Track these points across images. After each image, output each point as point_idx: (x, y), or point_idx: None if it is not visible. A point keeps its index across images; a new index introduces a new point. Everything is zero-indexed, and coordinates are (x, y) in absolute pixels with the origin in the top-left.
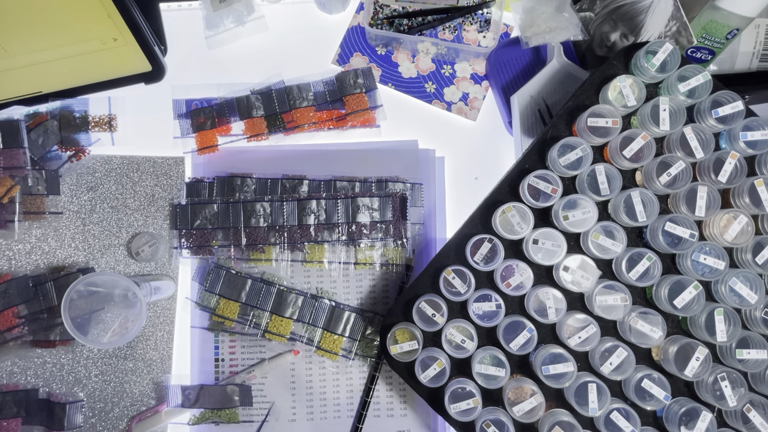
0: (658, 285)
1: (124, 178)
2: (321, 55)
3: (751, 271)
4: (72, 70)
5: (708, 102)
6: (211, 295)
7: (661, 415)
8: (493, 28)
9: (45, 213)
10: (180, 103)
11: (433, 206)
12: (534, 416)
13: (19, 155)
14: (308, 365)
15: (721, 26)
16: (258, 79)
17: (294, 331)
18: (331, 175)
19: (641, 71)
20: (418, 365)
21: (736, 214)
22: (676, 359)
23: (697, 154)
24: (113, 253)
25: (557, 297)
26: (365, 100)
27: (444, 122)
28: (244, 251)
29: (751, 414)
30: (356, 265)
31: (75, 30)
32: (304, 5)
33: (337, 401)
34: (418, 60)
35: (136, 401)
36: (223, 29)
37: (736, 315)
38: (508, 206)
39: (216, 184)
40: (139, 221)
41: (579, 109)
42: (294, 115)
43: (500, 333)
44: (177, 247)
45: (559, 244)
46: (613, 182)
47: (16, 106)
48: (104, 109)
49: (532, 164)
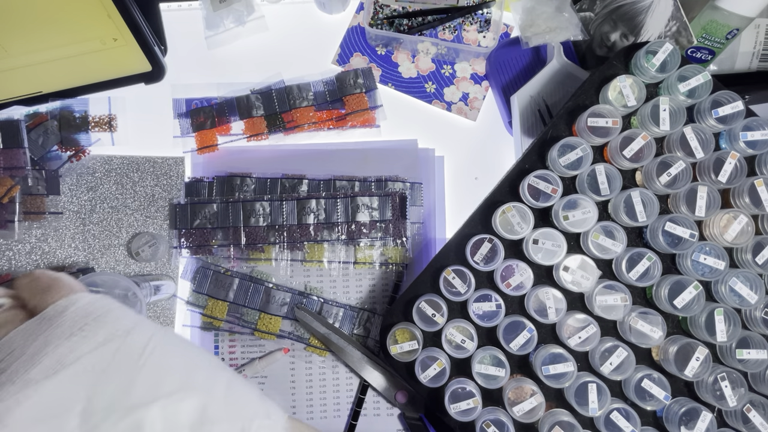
0: (658, 285)
1: (124, 178)
2: (321, 55)
3: (751, 271)
4: (72, 70)
5: (708, 102)
6: (200, 295)
7: (661, 415)
8: (493, 28)
9: (45, 213)
10: (180, 103)
11: (432, 206)
12: (534, 416)
13: (19, 155)
14: (308, 364)
15: (721, 26)
16: (258, 78)
17: (283, 329)
18: (330, 174)
19: (641, 71)
20: (418, 365)
21: (736, 214)
22: (676, 359)
23: (697, 154)
24: (113, 253)
25: (557, 297)
26: (365, 100)
27: (444, 122)
28: (244, 251)
29: (751, 414)
30: (356, 264)
31: (75, 30)
32: (304, 5)
33: (337, 399)
34: (418, 60)
35: None
36: (223, 29)
37: (736, 315)
38: (508, 206)
39: (215, 184)
40: (139, 221)
41: (579, 109)
42: (294, 114)
43: (500, 333)
44: (177, 247)
45: (559, 244)
46: (613, 182)
47: (16, 106)
48: (104, 109)
49: (532, 164)
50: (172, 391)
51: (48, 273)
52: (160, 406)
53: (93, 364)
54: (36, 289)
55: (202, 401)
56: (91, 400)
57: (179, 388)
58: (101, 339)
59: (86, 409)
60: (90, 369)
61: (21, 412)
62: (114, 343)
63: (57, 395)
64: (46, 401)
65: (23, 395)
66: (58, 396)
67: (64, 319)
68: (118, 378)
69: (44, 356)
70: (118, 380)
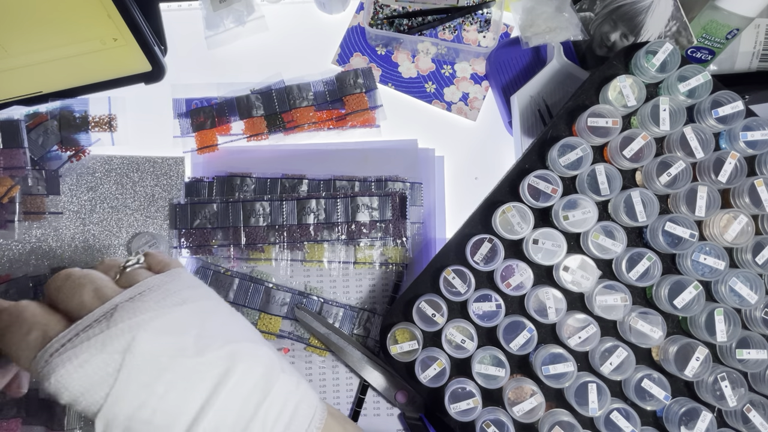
0: (658, 285)
1: (124, 178)
2: (321, 55)
3: (751, 271)
4: (72, 70)
5: (708, 102)
6: None
7: (661, 415)
8: (493, 28)
9: (45, 213)
10: (180, 103)
11: (432, 206)
12: (534, 416)
13: (19, 155)
14: (308, 364)
15: (721, 26)
16: (258, 78)
17: (283, 329)
18: (330, 174)
19: (641, 71)
20: (418, 365)
21: (736, 214)
22: (676, 359)
23: (697, 154)
24: (113, 253)
25: (557, 297)
26: (365, 100)
27: (444, 122)
28: (244, 251)
29: (751, 414)
30: (356, 264)
31: (75, 30)
32: (304, 5)
33: (337, 399)
34: (418, 60)
35: None
36: (223, 29)
37: (736, 315)
38: (508, 206)
39: (215, 184)
40: (139, 221)
41: (579, 109)
42: (294, 114)
43: (500, 333)
44: (177, 247)
45: (559, 244)
46: (613, 182)
47: (16, 106)
48: (104, 109)
49: (532, 164)
50: (255, 340)
51: (164, 254)
52: (248, 345)
53: (204, 306)
54: (157, 259)
55: (272, 353)
56: (203, 329)
57: (259, 339)
58: (207, 293)
59: (199, 333)
60: (202, 309)
61: (157, 324)
62: (216, 299)
63: (181, 320)
64: (173, 321)
65: (160, 313)
66: (181, 321)
67: (183, 276)
68: (220, 320)
69: (173, 294)
70: (220, 321)
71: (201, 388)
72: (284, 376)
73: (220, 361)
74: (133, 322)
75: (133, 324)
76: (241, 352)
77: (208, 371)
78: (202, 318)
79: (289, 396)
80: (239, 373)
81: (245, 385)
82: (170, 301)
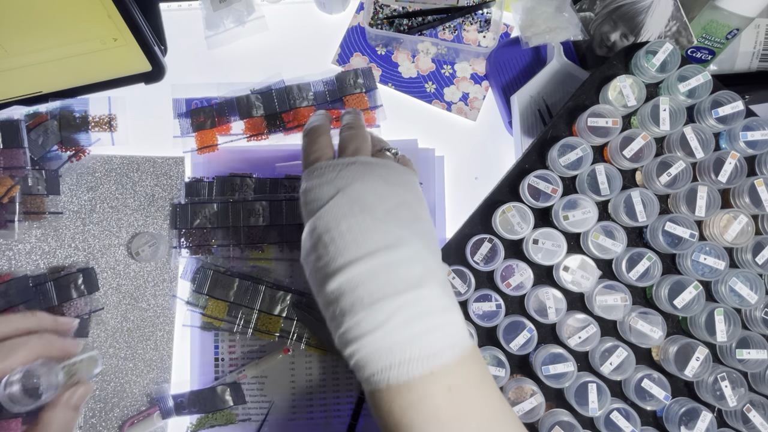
0: (658, 285)
1: (124, 178)
2: (321, 55)
3: (751, 271)
4: (72, 70)
5: (708, 102)
6: (200, 295)
7: (661, 415)
8: (493, 28)
9: (45, 213)
10: (180, 103)
11: (432, 206)
12: (534, 416)
13: (19, 155)
14: (308, 364)
15: (721, 26)
16: (258, 78)
17: (283, 329)
18: None
19: (641, 71)
20: None
21: (736, 214)
22: (676, 359)
23: (697, 154)
24: (113, 253)
25: (557, 297)
26: (365, 100)
27: (444, 122)
28: (244, 250)
29: (751, 414)
30: None
31: (75, 30)
32: (304, 5)
33: (337, 399)
34: (418, 60)
35: (136, 401)
36: (223, 29)
37: (736, 315)
38: (508, 206)
39: (216, 184)
40: (139, 221)
41: (579, 109)
42: (294, 114)
43: (500, 333)
44: (177, 247)
45: (559, 244)
46: (613, 182)
47: (16, 106)
48: (104, 109)
49: (532, 164)
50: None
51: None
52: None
53: (408, 202)
54: (405, 159)
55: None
56: (398, 211)
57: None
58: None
59: (391, 210)
60: (406, 203)
61: (354, 187)
62: (427, 220)
63: (386, 194)
64: (368, 192)
65: (376, 184)
66: (386, 195)
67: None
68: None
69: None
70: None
71: (367, 244)
72: (438, 290)
73: (391, 237)
74: (356, 177)
75: (357, 176)
76: (421, 223)
77: (380, 238)
78: (404, 207)
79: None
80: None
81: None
82: (390, 180)
